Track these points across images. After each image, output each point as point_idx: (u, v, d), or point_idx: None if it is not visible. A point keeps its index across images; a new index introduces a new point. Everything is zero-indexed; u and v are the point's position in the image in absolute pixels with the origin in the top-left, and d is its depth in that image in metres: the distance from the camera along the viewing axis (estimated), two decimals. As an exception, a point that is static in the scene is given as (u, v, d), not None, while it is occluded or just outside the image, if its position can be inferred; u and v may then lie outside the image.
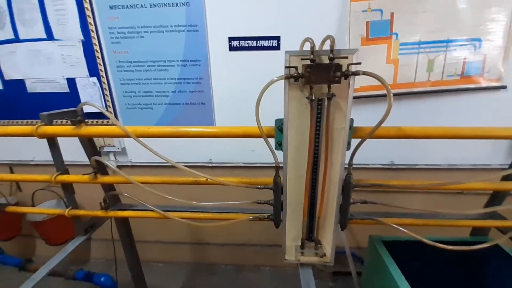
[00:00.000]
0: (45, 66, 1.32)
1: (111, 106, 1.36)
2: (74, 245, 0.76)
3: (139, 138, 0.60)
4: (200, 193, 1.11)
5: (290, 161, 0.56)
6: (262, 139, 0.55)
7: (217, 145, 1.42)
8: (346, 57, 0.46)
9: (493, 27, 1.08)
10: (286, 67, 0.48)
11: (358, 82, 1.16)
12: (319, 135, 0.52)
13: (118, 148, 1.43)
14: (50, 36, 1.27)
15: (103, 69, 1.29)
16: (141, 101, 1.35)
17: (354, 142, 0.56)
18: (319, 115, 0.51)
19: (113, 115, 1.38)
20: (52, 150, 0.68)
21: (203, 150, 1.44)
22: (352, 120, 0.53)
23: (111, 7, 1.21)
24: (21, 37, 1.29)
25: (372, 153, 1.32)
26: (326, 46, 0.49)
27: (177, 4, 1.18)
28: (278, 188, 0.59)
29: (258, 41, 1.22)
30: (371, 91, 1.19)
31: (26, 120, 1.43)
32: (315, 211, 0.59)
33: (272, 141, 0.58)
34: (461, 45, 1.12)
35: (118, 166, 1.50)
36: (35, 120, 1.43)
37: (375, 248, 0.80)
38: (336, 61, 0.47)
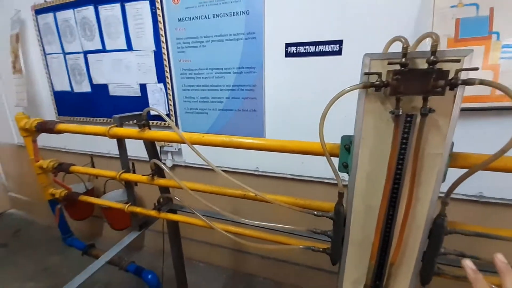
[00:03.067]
0: (124, 73, 1.51)
1: (173, 110, 1.46)
2: (130, 239, 0.81)
3: (194, 145, 0.59)
4: (245, 202, 1.07)
5: (358, 188, 0.46)
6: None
7: (265, 153, 1.38)
8: (458, 61, 0.34)
9: None
10: (365, 73, 0.39)
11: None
12: (404, 160, 0.41)
13: (175, 149, 1.53)
14: (129, 47, 1.45)
15: (169, 76, 1.41)
16: (198, 106, 1.41)
17: (451, 172, 0.42)
18: (405, 135, 0.40)
19: (174, 119, 1.48)
20: (120, 149, 0.74)
21: (251, 157, 1.41)
22: (452, 145, 0.40)
23: (179, 20, 1.31)
24: (107, 47, 1.51)
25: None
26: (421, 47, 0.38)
27: (237, 13, 1.19)
28: (340, 219, 0.49)
29: (317, 46, 1.13)
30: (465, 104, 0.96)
31: (106, 119, 1.66)
32: (388, 255, 0.46)
33: (335, 160, 0.49)
34: None
35: (173, 165, 1.60)
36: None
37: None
38: (438, 65, 0.35)
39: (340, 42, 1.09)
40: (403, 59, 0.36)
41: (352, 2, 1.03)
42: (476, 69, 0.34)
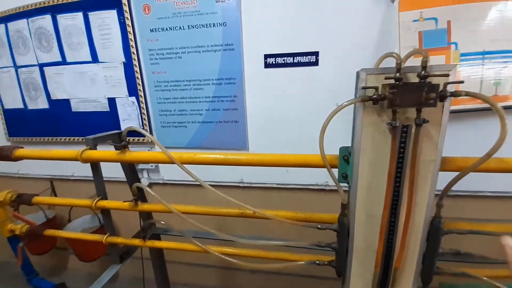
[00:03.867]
0: (89, 87, 1.39)
1: (147, 125, 1.37)
2: (110, 274, 0.72)
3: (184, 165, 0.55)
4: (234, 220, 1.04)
5: (360, 198, 0.47)
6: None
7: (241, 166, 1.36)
8: (447, 75, 0.37)
9: None
10: (363, 87, 0.40)
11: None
12: (402, 168, 0.42)
13: (152, 166, 1.43)
14: (95, 59, 1.34)
15: (141, 89, 1.32)
16: (176, 119, 1.34)
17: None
18: (402, 145, 0.41)
19: (150, 134, 1.39)
20: (94, 174, 0.66)
21: (235, 168, 1.38)
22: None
23: (151, 30, 1.25)
24: (68, 59, 1.37)
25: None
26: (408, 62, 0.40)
27: (214, 25, 1.18)
28: (344, 230, 0.49)
29: (295, 57, 1.17)
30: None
31: (69, 138, 1.50)
32: (392, 261, 0.48)
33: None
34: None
35: (150, 184, 1.49)
36: (77, 138, 1.49)
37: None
38: (428, 79, 0.38)
39: (316, 54, 1.13)
40: (398, 74, 0.38)
41: (325, 16, 1.08)
42: (462, 82, 0.37)
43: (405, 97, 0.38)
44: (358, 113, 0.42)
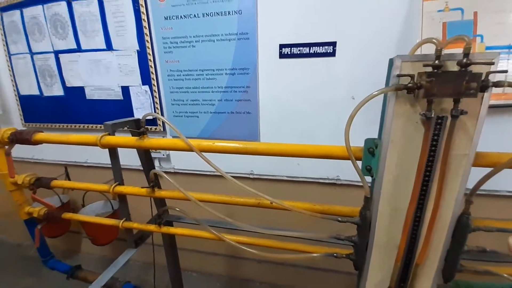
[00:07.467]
0: (103, 75, 1.39)
1: (159, 114, 1.37)
2: (125, 258, 0.73)
3: (203, 153, 0.54)
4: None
5: (384, 192, 0.45)
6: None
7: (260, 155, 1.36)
8: (492, 63, 0.34)
9: None
10: (398, 75, 0.38)
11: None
12: (433, 162, 0.41)
13: (163, 155, 1.44)
14: (109, 47, 1.34)
15: (155, 78, 1.32)
16: (188, 109, 1.34)
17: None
18: (435, 137, 0.40)
19: (162, 123, 1.39)
20: (112, 160, 0.66)
21: (245, 159, 1.38)
22: (475, 144, 0.41)
23: (165, 18, 1.23)
24: (83, 47, 1.38)
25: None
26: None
27: (229, 13, 1.15)
28: (365, 223, 0.48)
29: (311, 48, 1.14)
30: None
31: (84, 125, 1.52)
32: (414, 256, 0.46)
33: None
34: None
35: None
36: (91, 125, 1.51)
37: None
38: (469, 68, 0.36)
39: (334, 44, 1.10)
40: (437, 61, 0.36)
41: (344, 5, 1.04)
42: (506, 71, 0.35)
43: (444, 87, 0.36)
44: (389, 103, 0.40)
